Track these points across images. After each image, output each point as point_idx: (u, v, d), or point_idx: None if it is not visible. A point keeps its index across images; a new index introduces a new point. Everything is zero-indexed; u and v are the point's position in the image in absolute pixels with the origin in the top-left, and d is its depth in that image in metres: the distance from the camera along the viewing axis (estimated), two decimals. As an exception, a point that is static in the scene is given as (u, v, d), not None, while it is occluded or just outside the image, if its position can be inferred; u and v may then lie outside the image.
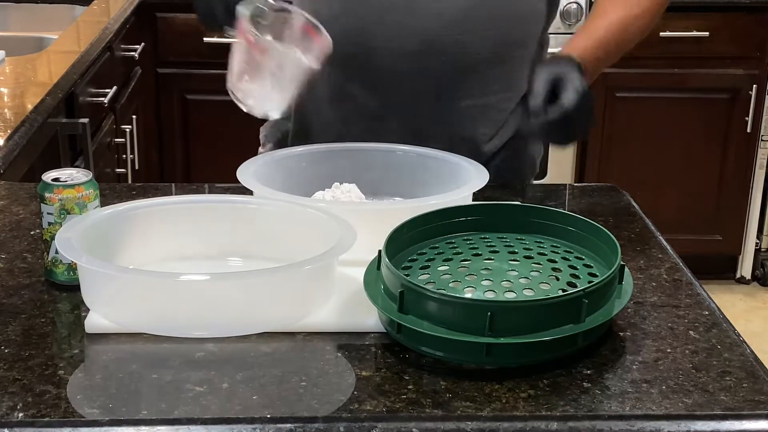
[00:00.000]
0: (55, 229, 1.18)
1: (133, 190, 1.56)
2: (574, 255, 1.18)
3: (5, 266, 1.27)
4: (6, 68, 2.17)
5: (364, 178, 1.44)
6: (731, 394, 1.01)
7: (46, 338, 1.11)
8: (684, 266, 1.30)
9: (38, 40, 2.47)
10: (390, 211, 1.32)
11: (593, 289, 1.06)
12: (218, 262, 1.26)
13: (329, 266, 1.15)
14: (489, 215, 1.25)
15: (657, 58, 3.15)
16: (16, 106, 1.95)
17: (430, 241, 1.22)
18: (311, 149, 1.54)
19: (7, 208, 1.45)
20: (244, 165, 1.40)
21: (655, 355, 1.09)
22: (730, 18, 3.14)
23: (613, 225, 1.43)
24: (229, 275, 1.18)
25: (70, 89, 2.11)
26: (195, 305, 1.11)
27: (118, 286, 1.12)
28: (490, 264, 1.15)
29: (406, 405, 0.98)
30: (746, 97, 3.18)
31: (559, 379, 1.03)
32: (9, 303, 1.18)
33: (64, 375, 1.04)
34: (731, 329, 1.14)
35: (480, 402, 0.99)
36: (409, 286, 1.06)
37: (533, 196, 1.56)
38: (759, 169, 3.30)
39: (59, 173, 1.22)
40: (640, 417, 0.97)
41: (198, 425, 0.95)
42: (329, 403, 1.00)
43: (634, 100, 3.19)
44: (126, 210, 1.25)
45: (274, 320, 1.12)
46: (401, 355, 1.07)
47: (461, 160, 1.45)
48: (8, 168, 1.65)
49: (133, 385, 1.03)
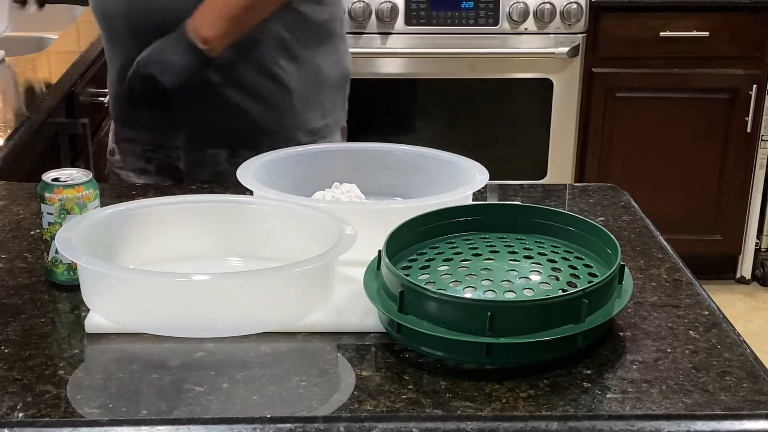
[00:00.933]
0: (55, 229, 1.18)
1: (133, 190, 1.56)
2: (574, 255, 1.18)
3: (5, 266, 1.27)
4: (6, 68, 2.16)
5: (364, 178, 1.44)
6: (731, 394, 1.01)
7: (46, 338, 1.11)
8: (684, 266, 1.30)
9: (38, 40, 2.47)
10: (390, 211, 1.32)
11: (593, 289, 1.06)
12: (218, 262, 1.26)
13: (329, 266, 1.15)
14: (489, 215, 1.25)
15: (657, 58, 3.15)
16: (16, 106, 1.95)
17: (430, 241, 1.22)
18: (311, 149, 1.54)
19: (7, 208, 1.45)
20: (244, 165, 1.40)
21: (655, 355, 1.09)
22: (730, 18, 3.14)
23: (613, 225, 1.43)
24: (229, 275, 1.18)
25: (70, 89, 2.11)
26: (195, 305, 1.11)
27: (118, 286, 1.12)
28: (490, 264, 1.15)
29: (406, 405, 0.98)
30: (746, 97, 3.18)
31: (559, 379, 1.03)
32: (9, 303, 1.18)
33: (64, 375, 1.04)
34: (731, 329, 1.14)
35: (480, 402, 0.99)
36: (409, 286, 1.06)
37: (533, 196, 1.56)
38: (759, 169, 3.29)
39: (59, 173, 1.22)
40: (640, 417, 0.97)
41: (198, 425, 0.95)
42: (329, 403, 1.00)
43: (634, 100, 3.19)
44: (126, 210, 1.25)
45: (274, 320, 1.12)
46: (401, 355, 1.07)
47: (461, 160, 1.45)
48: (8, 168, 1.65)
49: (133, 385, 1.03)
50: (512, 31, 3.06)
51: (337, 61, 1.81)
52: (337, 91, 1.83)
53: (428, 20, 3.05)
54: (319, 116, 1.78)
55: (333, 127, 1.83)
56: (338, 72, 1.81)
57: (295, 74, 1.73)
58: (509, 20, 3.04)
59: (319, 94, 1.78)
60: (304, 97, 1.75)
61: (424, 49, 3.08)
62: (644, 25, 3.12)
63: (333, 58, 1.80)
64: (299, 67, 1.74)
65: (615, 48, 3.14)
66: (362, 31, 3.05)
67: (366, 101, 3.15)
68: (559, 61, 3.09)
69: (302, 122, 1.76)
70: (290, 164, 1.47)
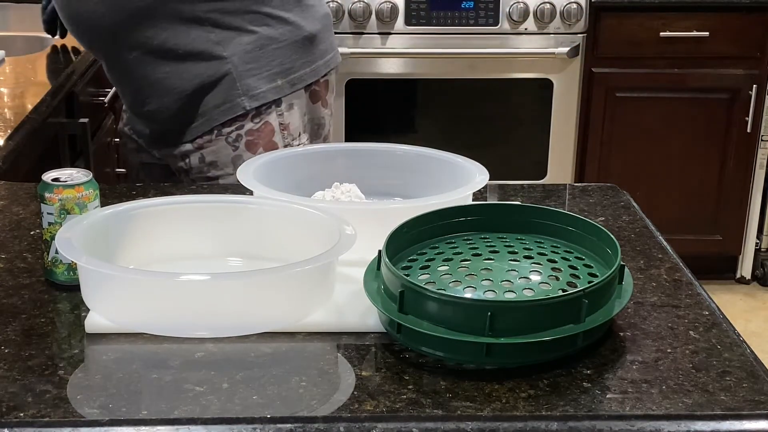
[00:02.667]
0: (55, 229, 1.18)
1: (133, 190, 1.56)
2: (574, 255, 1.18)
3: (5, 266, 1.27)
4: (6, 68, 2.17)
5: (364, 178, 1.44)
6: (731, 394, 1.01)
7: (46, 338, 1.11)
8: (684, 266, 1.30)
9: (38, 40, 2.47)
10: (390, 211, 1.32)
11: (593, 289, 1.06)
12: (218, 262, 1.26)
13: (329, 266, 1.15)
14: (489, 215, 1.25)
15: (657, 58, 3.15)
16: (16, 106, 1.95)
17: (430, 241, 1.22)
18: (311, 149, 1.54)
19: (7, 208, 1.45)
20: (244, 165, 1.40)
21: (655, 355, 1.09)
22: (730, 18, 3.14)
23: (613, 225, 1.43)
24: (229, 275, 1.18)
25: (70, 89, 2.11)
26: (195, 305, 1.11)
27: (118, 286, 1.12)
28: (490, 264, 1.15)
29: (406, 405, 0.98)
30: (746, 97, 3.18)
31: (559, 379, 1.03)
32: (9, 303, 1.18)
33: (64, 375, 1.04)
34: (731, 329, 1.14)
35: (480, 402, 0.99)
36: (409, 286, 1.06)
37: (533, 196, 1.56)
38: (759, 169, 3.29)
39: (59, 173, 1.22)
40: (640, 417, 0.97)
41: (198, 425, 0.95)
42: (329, 403, 1.00)
43: (634, 100, 3.19)
44: (126, 210, 1.25)
45: (274, 320, 1.12)
46: (401, 355, 1.07)
47: (461, 160, 1.45)
48: (8, 168, 1.65)
49: (133, 385, 1.03)
50: (512, 31, 3.07)
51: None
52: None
53: (428, 20, 3.05)
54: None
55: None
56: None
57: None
58: (509, 20, 3.04)
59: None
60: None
61: (424, 49, 3.08)
62: (644, 25, 3.12)
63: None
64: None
65: (615, 48, 3.14)
66: (362, 31, 3.05)
67: (366, 101, 3.16)
68: (559, 61, 3.09)
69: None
70: (290, 164, 1.47)
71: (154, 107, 1.76)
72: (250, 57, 1.73)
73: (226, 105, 1.73)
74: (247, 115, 1.74)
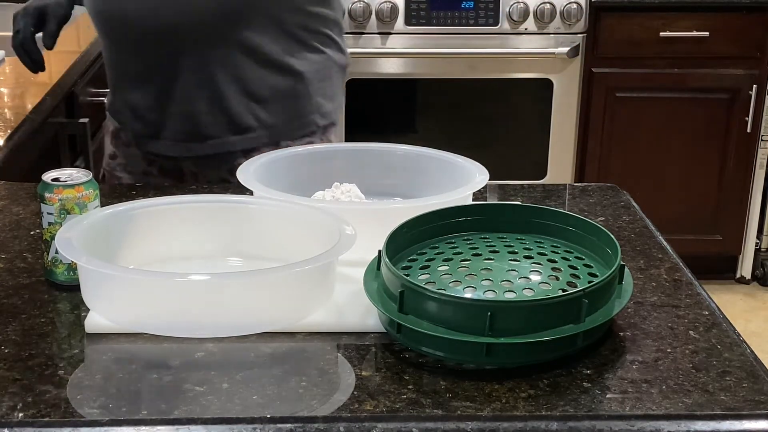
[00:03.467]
0: (55, 229, 1.18)
1: (133, 190, 1.56)
2: (574, 255, 1.18)
3: (5, 266, 1.27)
4: (6, 68, 2.17)
5: (364, 178, 1.44)
6: (731, 394, 1.01)
7: (46, 338, 1.11)
8: (684, 266, 1.30)
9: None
10: (390, 211, 1.32)
11: (593, 289, 1.06)
12: (218, 262, 1.26)
13: (329, 266, 1.15)
14: (489, 215, 1.25)
15: (657, 58, 3.15)
16: (16, 106, 1.95)
17: (430, 241, 1.22)
18: (311, 149, 1.54)
19: (7, 208, 1.45)
20: (244, 165, 1.40)
21: (655, 355, 1.09)
22: (730, 18, 3.14)
23: (613, 225, 1.43)
24: (229, 275, 1.18)
25: (70, 89, 2.11)
26: (195, 305, 1.11)
27: (118, 286, 1.12)
28: (490, 264, 1.15)
29: (406, 405, 0.98)
30: (746, 97, 3.18)
31: (559, 379, 1.03)
32: (9, 303, 1.18)
33: (64, 375, 1.04)
34: (731, 329, 1.14)
35: (480, 402, 0.99)
36: (409, 286, 1.06)
37: (533, 196, 1.56)
38: (759, 169, 3.29)
39: (59, 173, 1.22)
40: (640, 417, 0.97)
41: (198, 425, 0.95)
42: (329, 403, 1.00)
43: (634, 100, 3.19)
44: (126, 210, 1.25)
45: (274, 320, 1.12)
46: (401, 355, 1.07)
47: (461, 160, 1.45)
48: (8, 168, 1.65)
49: (133, 385, 1.03)
50: (512, 31, 3.07)
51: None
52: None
53: (428, 20, 3.05)
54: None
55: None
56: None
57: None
58: (509, 20, 3.04)
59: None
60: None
61: (424, 49, 3.08)
62: (644, 25, 3.12)
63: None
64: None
65: (615, 48, 3.14)
66: (362, 31, 3.05)
67: (366, 101, 3.16)
68: (559, 61, 3.09)
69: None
70: (290, 164, 1.47)
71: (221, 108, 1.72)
72: (321, 76, 1.75)
73: (300, 120, 1.73)
74: (315, 132, 1.75)
